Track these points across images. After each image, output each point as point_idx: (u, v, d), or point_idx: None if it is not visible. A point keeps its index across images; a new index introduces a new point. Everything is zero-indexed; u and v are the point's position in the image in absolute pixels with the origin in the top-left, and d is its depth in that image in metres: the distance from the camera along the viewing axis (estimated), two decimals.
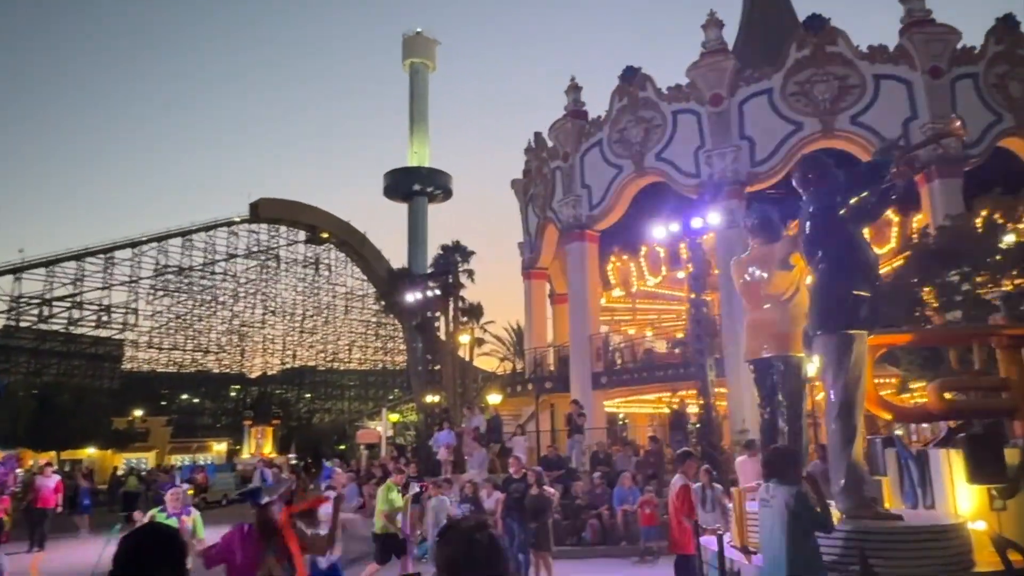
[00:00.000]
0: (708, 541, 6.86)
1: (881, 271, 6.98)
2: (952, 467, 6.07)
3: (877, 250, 8.09)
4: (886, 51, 18.97)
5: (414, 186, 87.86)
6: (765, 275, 6.55)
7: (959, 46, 18.86)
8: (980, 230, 13.79)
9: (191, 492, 18.31)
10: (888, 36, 19.33)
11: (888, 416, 7.38)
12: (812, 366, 6.66)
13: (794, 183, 6.33)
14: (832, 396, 5.81)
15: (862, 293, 5.72)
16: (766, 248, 6.73)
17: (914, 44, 18.58)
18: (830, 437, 5.87)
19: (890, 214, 17.40)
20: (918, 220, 17.87)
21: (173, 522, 6.31)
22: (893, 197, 6.13)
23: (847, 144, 18.77)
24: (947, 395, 6.84)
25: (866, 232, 6.33)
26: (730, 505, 7.00)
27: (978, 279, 13.13)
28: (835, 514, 5.38)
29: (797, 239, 6.38)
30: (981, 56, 18.95)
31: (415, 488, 11.12)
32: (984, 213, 14.36)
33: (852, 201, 5.82)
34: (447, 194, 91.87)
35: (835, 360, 5.78)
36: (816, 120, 19.11)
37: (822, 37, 19.27)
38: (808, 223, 6.01)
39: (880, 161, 6.09)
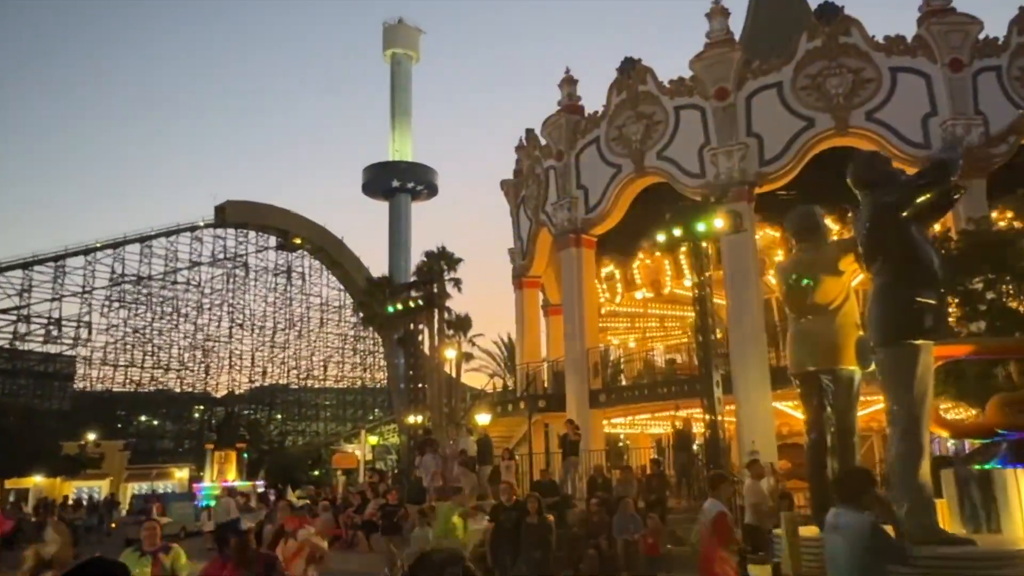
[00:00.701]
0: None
1: None
2: (1020, 488, 6.08)
3: None
4: (903, 42, 19.24)
5: (394, 182, 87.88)
6: (812, 282, 6.58)
7: (981, 37, 19.15)
8: (1005, 234, 13.98)
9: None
10: (905, 26, 19.67)
11: (945, 433, 7.44)
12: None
13: (850, 183, 6.37)
14: (896, 413, 5.81)
15: (927, 300, 5.74)
16: (812, 252, 6.76)
17: (933, 35, 18.86)
18: (894, 457, 5.87)
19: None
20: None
21: (146, 562, 6.21)
22: (956, 197, 6.16)
23: (862, 142, 18.95)
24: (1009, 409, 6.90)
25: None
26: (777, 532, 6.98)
27: (1004, 287, 13.31)
28: None
29: (846, 243, 6.41)
30: (1004, 48, 19.24)
31: (484, 521, 10.48)
32: (1009, 216, 14.56)
33: (918, 201, 5.84)
34: (431, 191, 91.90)
35: (899, 374, 5.77)
36: (829, 116, 19.33)
37: (835, 27, 19.53)
38: (868, 225, 6.02)
39: (947, 159, 6.13)
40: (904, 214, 5.84)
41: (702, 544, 8.04)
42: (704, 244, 16.47)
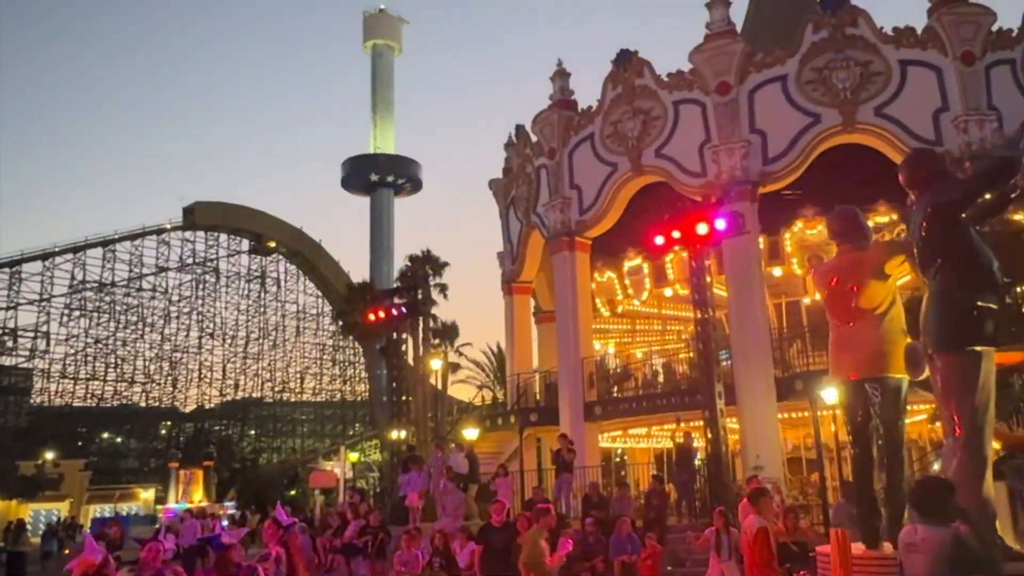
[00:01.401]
0: None
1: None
2: None
3: None
4: (913, 34, 19.47)
5: (376, 175, 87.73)
6: (855, 286, 6.63)
7: (993, 28, 19.42)
8: (1021, 236, 14.16)
9: None
10: (915, 17, 20.01)
11: (996, 445, 7.51)
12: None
13: (902, 181, 6.45)
14: (956, 423, 5.86)
15: (988, 304, 5.82)
16: (856, 254, 6.83)
17: (944, 26, 19.10)
18: (954, 470, 5.93)
19: None
20: None
21: None
22: (1013, 196, 6.24)
23: (871, 139, 19.20)
24: None
25: None
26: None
27: (1020, 291, 13.49)
28: None
29: (893, 245, 6.42)
30: (1018, 40, 19.51)
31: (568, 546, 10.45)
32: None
33: (980, 201, 5.91)
34: (415, 185, 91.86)
35: (959, 382, 5.82)
36: (836, 111, 19.51)
37: (841, 17, 19.73)
38: (924, 226, 6.08)
39: (1010, 157, 6.20)
40: (964, 215, 5.91)
41: (747, 563, 8.12)
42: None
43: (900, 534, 4.94)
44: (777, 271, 21.32)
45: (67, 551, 28.51)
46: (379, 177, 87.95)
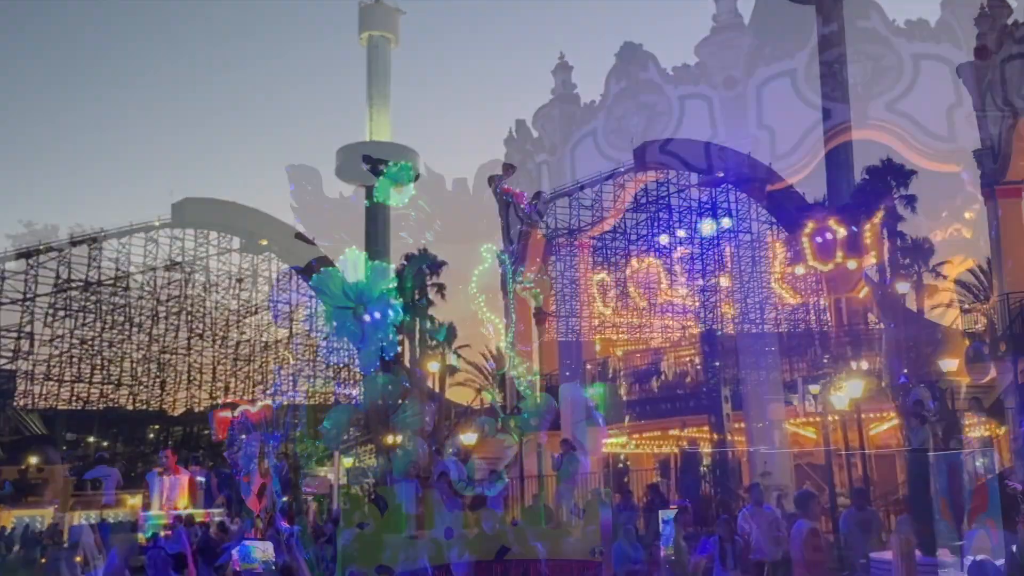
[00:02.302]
0: None
1: None
2: None
3: None
4: (926, 27, 19.54)
5: (367, 164, 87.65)
6: (909, 286, 6.67)
7: (1009, 21, 19.46)
8: None
9: (79, 560, 17.61)
10: (928, 10, 20.09)
11: None
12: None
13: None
14: None
15: None
16: (910, 254, 6.86)
17: (958, 20, 19.16)
18: None
19: None
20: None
21: None
22: None
23: (883, 135, 19.27)
24: None
25: None
26: None
27: None
28: None
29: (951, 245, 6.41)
30: None
31: (702, 554, 9.63)
32: None
33: None
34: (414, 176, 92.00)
35: None
36: (846, 107, 19.57)
37: (852, 10, 19.79)
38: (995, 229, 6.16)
39: None
40: None
41: (796, 566, 8.28)
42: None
43: (971, 539, 4.98)
44: (851, 264, 21.37)
45: (43, 560, 28.15)
46: (373, 166, 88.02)
